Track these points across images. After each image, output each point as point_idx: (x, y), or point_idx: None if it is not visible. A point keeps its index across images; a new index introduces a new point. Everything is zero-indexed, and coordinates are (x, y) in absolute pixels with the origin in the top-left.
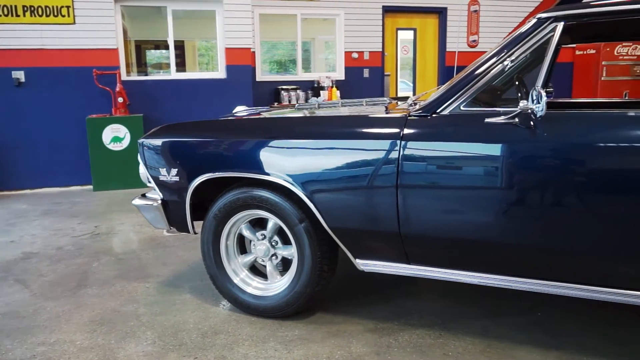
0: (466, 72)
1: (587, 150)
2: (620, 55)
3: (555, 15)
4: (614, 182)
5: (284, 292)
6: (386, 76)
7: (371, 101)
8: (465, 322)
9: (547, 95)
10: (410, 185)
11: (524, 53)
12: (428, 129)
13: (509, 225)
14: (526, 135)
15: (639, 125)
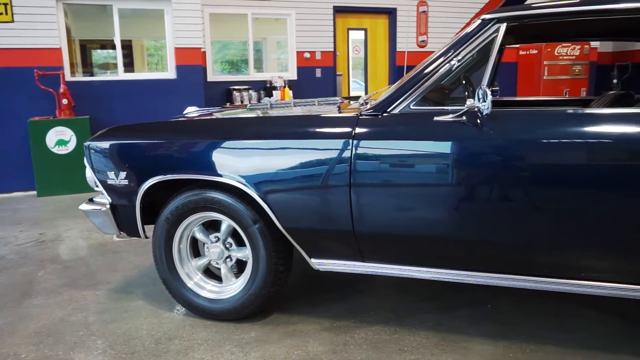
0: (415, 71)
1: (530, 146)
2: (560, 55)
3: (498, 17)
4: (555, 176)
5: (240, 295)
6: (338, 76)
7: (323, 101)
8: (419, 317)
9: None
10: (362, 183)
11: (470, 53)
12: (379, 128)
13: (459, 221)
14: (473, 133)
15: (577, 122)
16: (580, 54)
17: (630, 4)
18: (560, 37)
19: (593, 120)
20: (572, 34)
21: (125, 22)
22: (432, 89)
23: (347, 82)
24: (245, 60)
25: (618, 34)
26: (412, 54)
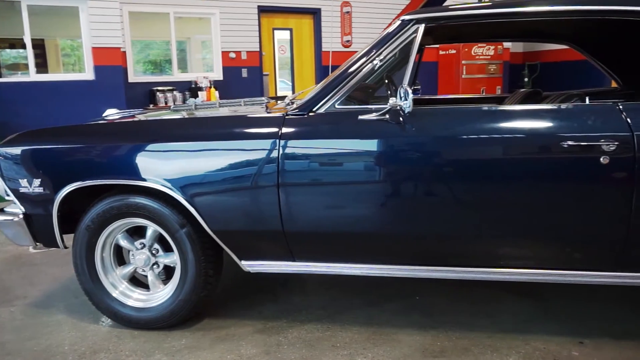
0: (339, 71)
1: (449, 141)
2: (476, 55)
3: (416, 18)
4: (473, 170)
5: (169, 301)
6: (265, 76)
7: (249, 101)
8: (351, 312)
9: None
10: (291, 183)
11: (391, 53)
12: (305, 128)
13: (386, 216)
14: (396, 131)
15: (492, 118)
16: (494, 54)
17: (536, 7)
18: (476, 38)
19: (506, 116)
20: (486, 35)
21: (37, 20)
22: (356, 88)
23: (274, 82)
24: (168, 60)
25: (527, 35)
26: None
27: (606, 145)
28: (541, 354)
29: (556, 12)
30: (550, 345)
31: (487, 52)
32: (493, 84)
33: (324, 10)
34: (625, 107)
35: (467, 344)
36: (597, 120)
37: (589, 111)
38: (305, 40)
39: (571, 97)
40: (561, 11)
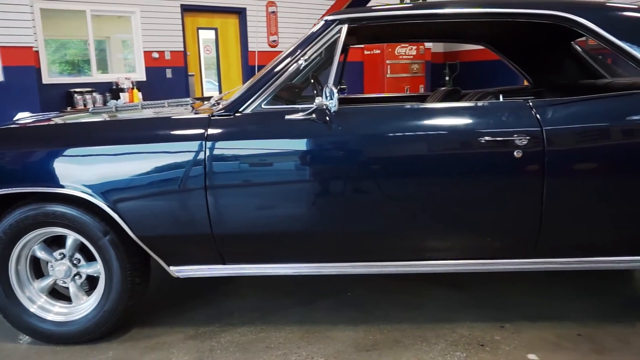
0: (264, 71)
1: (374, 139)
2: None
3: (340, 18)
4: (398, 166)
5: (93, 313)
6: (190, 76)
7: (174, 102)
8: (284, 312)
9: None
10: (218, 185)
11: (316, 53)
12: (232, 128)
13: (315, 215)
14: (322, 130)
15: (414, 115)
16: (416, 54)
17: (453, 9)
18: (398, 38)
19: (427, 114)
20: (407, 35)
21: None
22: (283, 88)
23: (200, 82)
24: (87, 60)
25: (446, 36)
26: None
27: (519, 140)
28: (467, 339)
29: (471, 15)
30: (475, 331)
31: (409, 52)
32: (416, 83)
33: (249, 10)
34: (535, 104)
35: (398, 336)
36: (510, 116)
37: (503, 108)
38: (231, 40)
39: (487, 95)
40: (476, 13)
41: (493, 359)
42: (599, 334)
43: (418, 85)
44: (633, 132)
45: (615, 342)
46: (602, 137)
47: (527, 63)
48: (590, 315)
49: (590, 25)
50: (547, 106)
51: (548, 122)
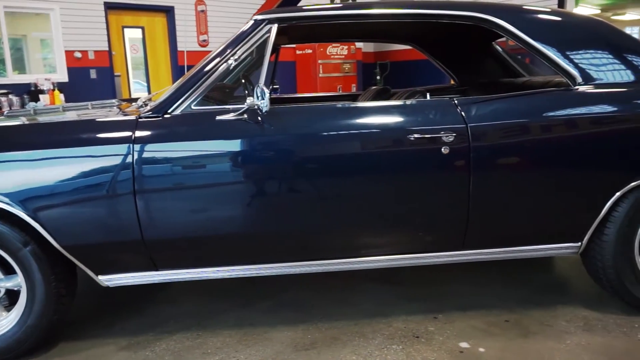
0: (193, 71)
1: (307, 138)
2: (331, 54)
3: (269, 18)
4: (332, 165)
5: (14, 330)
6: (117, 77)
7: (98, 104)
8: (221, 317)
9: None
10: (148, 189)
11: (246, 52)
12: (161, 130)
13: (249, 216)
14: (254, 130)
15: (345, 114)
16: (348, 54)
17: (380, 10)
18: (329, 38)
19: (358, 112)
20: (338, 35)
21: None
22: (213, 88)
23: (128, 83)
24: (2, 60)
25: (375, 36)
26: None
27: (446, 137)
28: (402, 332)
29: (398, 15)
30: (410, 324)
31: (341, 51)
32: (349, 82)
33: (178, 9)
34: (460, 102)
35: (336, 333)
36: (437, 114)
37: (430, 106)
38: (159, 40)
39: (415, 93)
40: (402, 14)
41: (428, 349)
42: (525, 319)
43: (350, 85)
44: (549, 127)
45: (539, 326)
46: (521, 133)
47: (452, 63)
48: (516, 302)
49: (507, 27)
50: (470, 104)
51: (472, 119)
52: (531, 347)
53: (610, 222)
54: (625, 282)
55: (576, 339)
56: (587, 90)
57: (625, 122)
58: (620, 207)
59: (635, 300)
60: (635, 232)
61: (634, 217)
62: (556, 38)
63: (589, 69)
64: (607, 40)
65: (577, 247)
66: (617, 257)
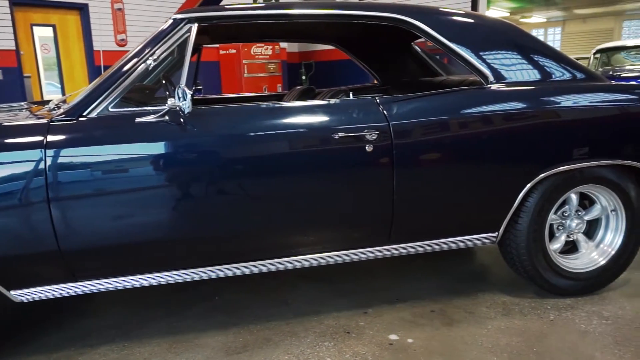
0: (110, 72)
1: (231, 139)
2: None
3: (189, 17)
4: (257, 165)
5: None
6: (26, 78)
7: (5, 107)
8: (149, 325)
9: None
10: (63, 197)
11: (165, 52)
12: (75, 134)
13: (174, 221)
14: (177, 132)
15: (270, 114)
16: (272, 54)
17: (301, 10)
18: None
19: (283, 112)
20: (260, 35)
21: None
22: (132, 89)
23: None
24: None
25: (298, 36)
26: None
27: (369, 135)
28: (334, 329)
29: (319, 16)
30: (341, 320)
31: (265, 51)
32: (274, 82)
33: (92, 6)
34: (382, 101)
35: (268, 334)
36: (360, 113)
37: (353, 105)
38: (73, 39)
39: (338, 93)
40: (323, 15)
41: (359, 344)
42: (449, 308)
43: (276, 85)
44: (466, 124)
45: (462, 314)
46: (440, 130)
47: (374, 62)
48: (440, 292)
49: (424, 28)
50: (392, 102)
51: (394, 117)
52: (456, 334)
53: (522, 212)
54: (538, 268)
55: (496, 323)
56: (498, 88)
57: (533, 118)
58: (531, 197)
59: (548, 284)
60: (545, 221)
61: (543, 206)
62: (470, 39)
63: (500, 69)
64: (515, 41)
65: (494, 237)
66: (530, 245)
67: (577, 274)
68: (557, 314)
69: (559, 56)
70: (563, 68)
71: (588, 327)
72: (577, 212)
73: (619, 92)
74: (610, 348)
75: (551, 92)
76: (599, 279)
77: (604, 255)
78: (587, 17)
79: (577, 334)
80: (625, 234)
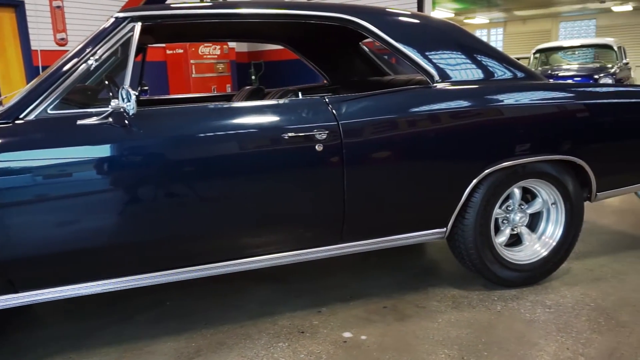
0: (48, 72)
1: (179, 141)
2: (204, 54)
3: (131, 16)
4: (206, 167)
5: None
6: None
7: None
8: (98, 334)
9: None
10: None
11: (108, 52)
12: (12, 138)
13: (122, 226)
14: (122, 134)
15: (218, 115)
16: (221, 53)
17: (248, 9)
18: (199, 37)
19: (231, 113)
20: (207, 35)
21: None
22: (73, 90)
23: None
24: None
25: (246, 36)
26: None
27: (319, 135)
28: (288, 329)
29: (266, 15)
30: (295, 320)
31: (213, 51)
32: (223, 82)
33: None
34: (331, 100)
35: (222, 338)
36: (309, 113)
37: (302, 105)
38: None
39: (287, 92)
40: (270, 14)
41: (313, 343)
42: (401, 304)
43: (225, 85)
44: (414, 122)
45: (414, 309)
46: (389, 128)
47: (323, 62)
48: (393, 288)
49: (371, 28)
50: (341, 102)
51: (343, 117)
52: (408, 329)
53: (469, 207)
54: (485, 261)
55: (446, 316)
56: (444, 87)
57: (478, 116)
58: (477, 193)
59: (494, 277)
60: (491, 215)
61: (489, 201)
62: (416, 39)
63: (445, 68)
64: (460, 42)
65: (443, 232)
66: (477, 239)
67: (521, 265)
68: (504, 304)
69: (500, 56)
70: (505, 67)
71: (532, 316)
72: (520, 206)
73: (556, 91)
74: (553, 335)
75: (494, 90)
76: (542, 269)
77: (545, 246)
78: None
79: (523, 323)
80: (565, 225)
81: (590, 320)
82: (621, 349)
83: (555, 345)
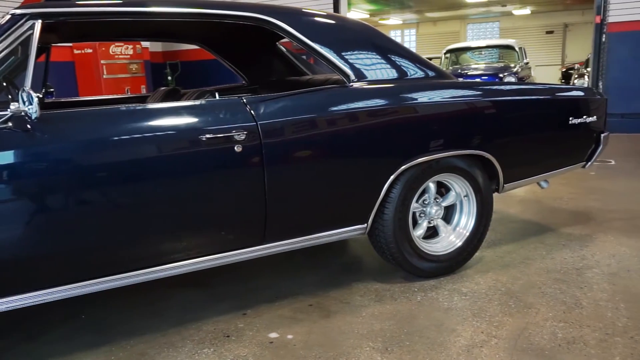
0: None
1: (88, 145)
2: (115, 54)
3: (30, 12)
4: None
5: None
6: None
7: None
8: (4, 355)
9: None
10: None
11: (4, 51)
12: None
13: (30, 237)
14: (23, 139)
15: (131, 118)
16: (134, 53)
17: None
18: (108, 37)
19: (146, 114)
20: (117, 34)
21: None
22: None
23: None
24: None
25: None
26: None
27: (237, 135)
28: (213, 334)
29: (178, 14)
30: (219, 324)
31: (126, 51)
32: (137, 83)
33: None
34: (249, 101)
35: (143, 348)
36: (227, 113)
37: (220, 106)
38: None
39: (204, 93)
40: (183, 13)
41: (239, 346)
42: (326, 301)
43: (139, 86)
44: (331, 121)
45: (339, 305)
46: (307, 127)
47: (240, 62)
48: (318, 286)
49: (287, 28)
50: (259, 102)
51: (261, 117)
52: (333, 325)
53: (388, 202)
54: (404, 254)
55: (370, 310)
56: (360, 86)
57: (393, 114)
58: (394, 188)
59: (414, 269)
60: (409, 210)
61: (406, 196)
62: (331, 39)
63: (360, 68)
64: (374, 42)
65: (364, 228)
66: (396, 233)
67: (438, 256)
68: (424, 294)
69: (413, 56)
70: (417, 67)
71: (450, 304)
72: (435, 200)
73: (465, 89)
74: (469, 320)
75: (408, 89)
76: (457, 259)
77: (460, 237)
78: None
79: (442, 311)
80: (477, 216)
81: (502, 304)
82: (529, 328)
83: (471, 330)
